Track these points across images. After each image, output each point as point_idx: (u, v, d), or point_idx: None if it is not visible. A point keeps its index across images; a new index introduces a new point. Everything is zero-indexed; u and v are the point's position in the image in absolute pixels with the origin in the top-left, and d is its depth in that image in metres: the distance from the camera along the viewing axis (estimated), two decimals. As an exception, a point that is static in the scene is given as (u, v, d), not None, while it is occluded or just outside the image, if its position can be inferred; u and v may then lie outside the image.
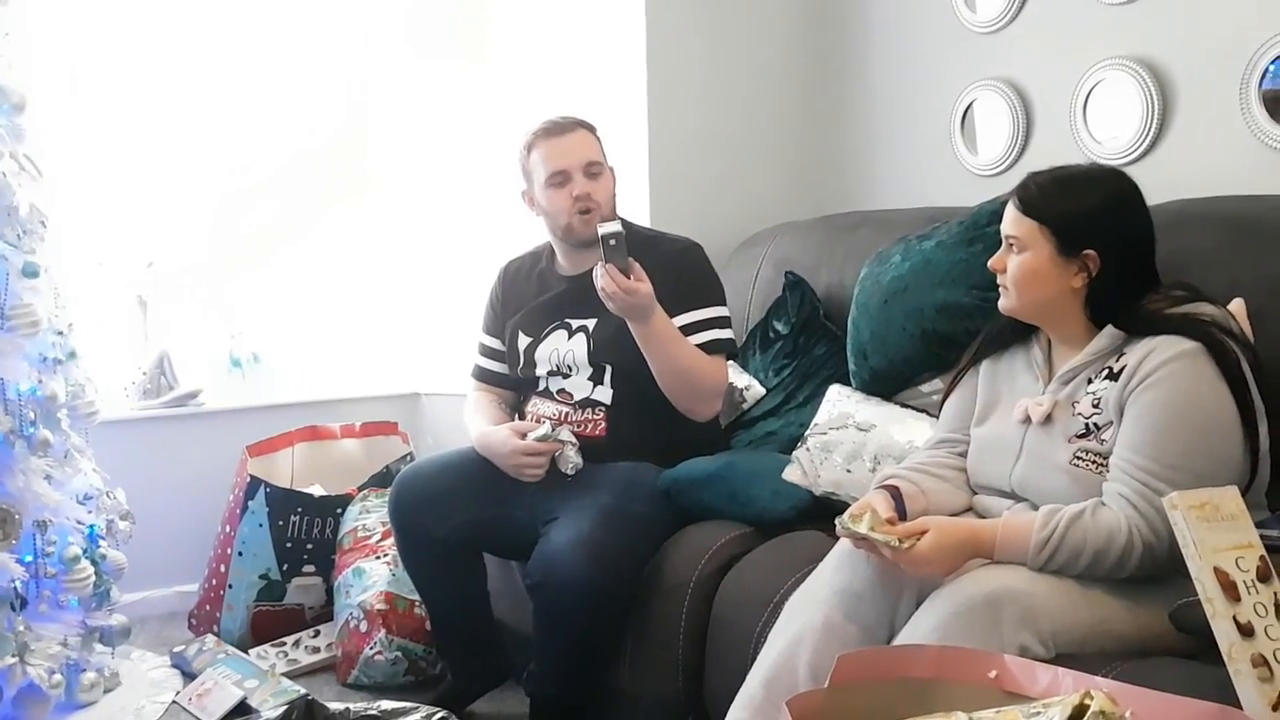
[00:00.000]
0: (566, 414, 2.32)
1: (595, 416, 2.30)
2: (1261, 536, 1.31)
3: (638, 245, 2.33)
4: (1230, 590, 1.24)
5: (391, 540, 2.57)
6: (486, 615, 2.42)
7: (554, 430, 2.25)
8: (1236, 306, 1.77)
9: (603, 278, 2.11)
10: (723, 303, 2.35)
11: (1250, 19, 2.20)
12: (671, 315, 2.24)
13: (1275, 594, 1.26)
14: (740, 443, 2.49)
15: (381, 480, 2.96)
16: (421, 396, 3.52)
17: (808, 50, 3.17)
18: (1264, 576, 1.27)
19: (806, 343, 2.59)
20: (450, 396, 3.24)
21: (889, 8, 2.98)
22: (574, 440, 2.25)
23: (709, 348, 2.28)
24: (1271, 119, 2.19)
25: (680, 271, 2.31)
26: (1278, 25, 2.16)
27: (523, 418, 2.41)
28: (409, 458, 3.08)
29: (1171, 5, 2.35)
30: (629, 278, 2.10)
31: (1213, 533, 1.27)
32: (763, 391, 2.56)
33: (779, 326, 2.65)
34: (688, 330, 2.27)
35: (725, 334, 2.32)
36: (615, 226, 2.11)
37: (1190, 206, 2.06)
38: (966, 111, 2.79)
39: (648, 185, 3.03)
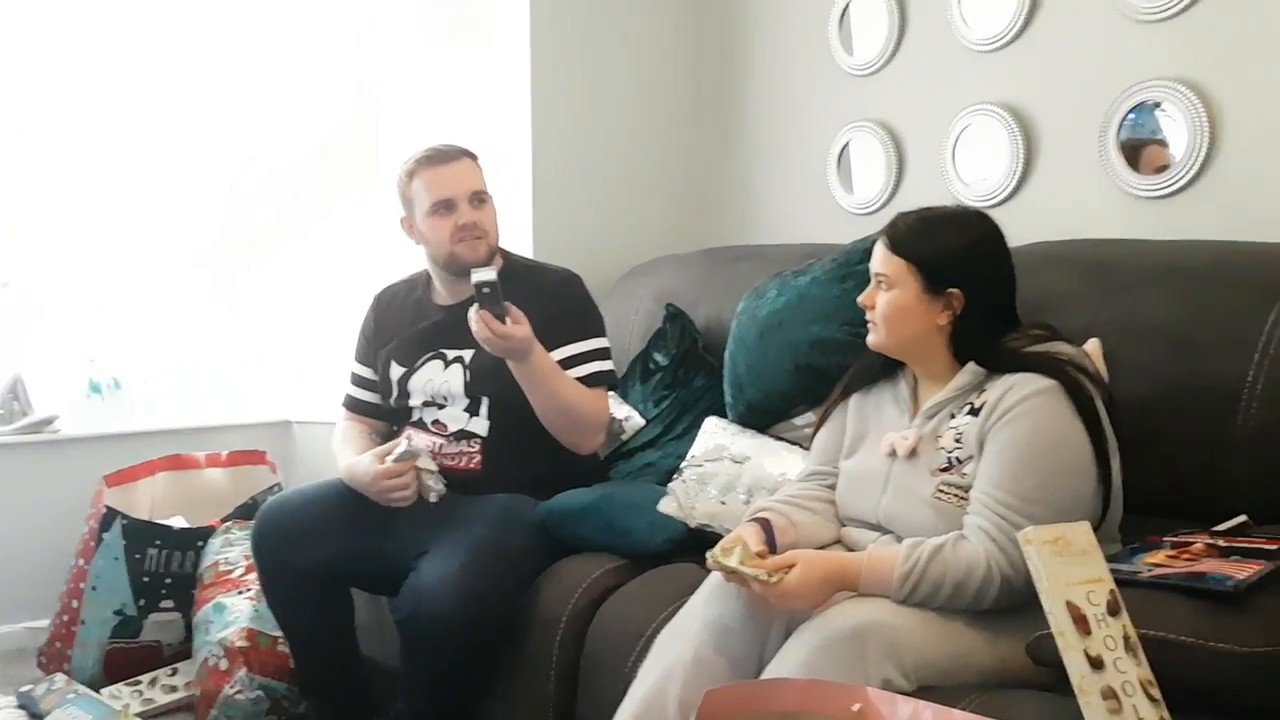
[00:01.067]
0: (441, 446, 2.27)
1: (470, 449, 2.26)
2: (1112, 570, 1.34)
3: (517, 275, 2.31)
4: (1081, 623, 1.27)
5: (254, 575, 2.48)
6: (353, 652, 2.35)
7: (410, 446, 2.19)
8: (1092, 346, 1.84)
9: (477, 323, 2.08)
10: (603, 334, 2.34)
11: (1110, 70, 2.30)
12: (552, 348, 2.22)
13: (1124, 627, 1.29)
14: (619, 474, 2.48)
15: (247, 512, 2.85)
16: (293, 424, 3.42)
17: (691, 85, 3.20)
18: (1114, 610, 1.30)
19: (686, 375, 2.60)
20: (324, 424, 3.13)
21: (769, 48, 3.03)
22: (433, 467, 2.20)
23: (590, 380, 2.27)
24: (1129, 166, 2.29)
25: (560, 303, 2.29)
26: (1135, 77, 2.26)
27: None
28: (277, 488, 2.98)
29: (1037, 55, 2.44)
30: (505, 322, 2.07)
31: (1065, 567, 1.30)
32: (642, 422, 2.56)
33: (659, 358, 2.66)
34: (569, 363, 2.25)
35: (606, 366, 2.31)
36: (489, 274, 2.07)
37: (1052, 249, 2.14)
38: (843, 151, 2.86)
39: (530, 214, 3.02)
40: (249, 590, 2.61)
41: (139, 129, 3.25)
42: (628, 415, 2.57)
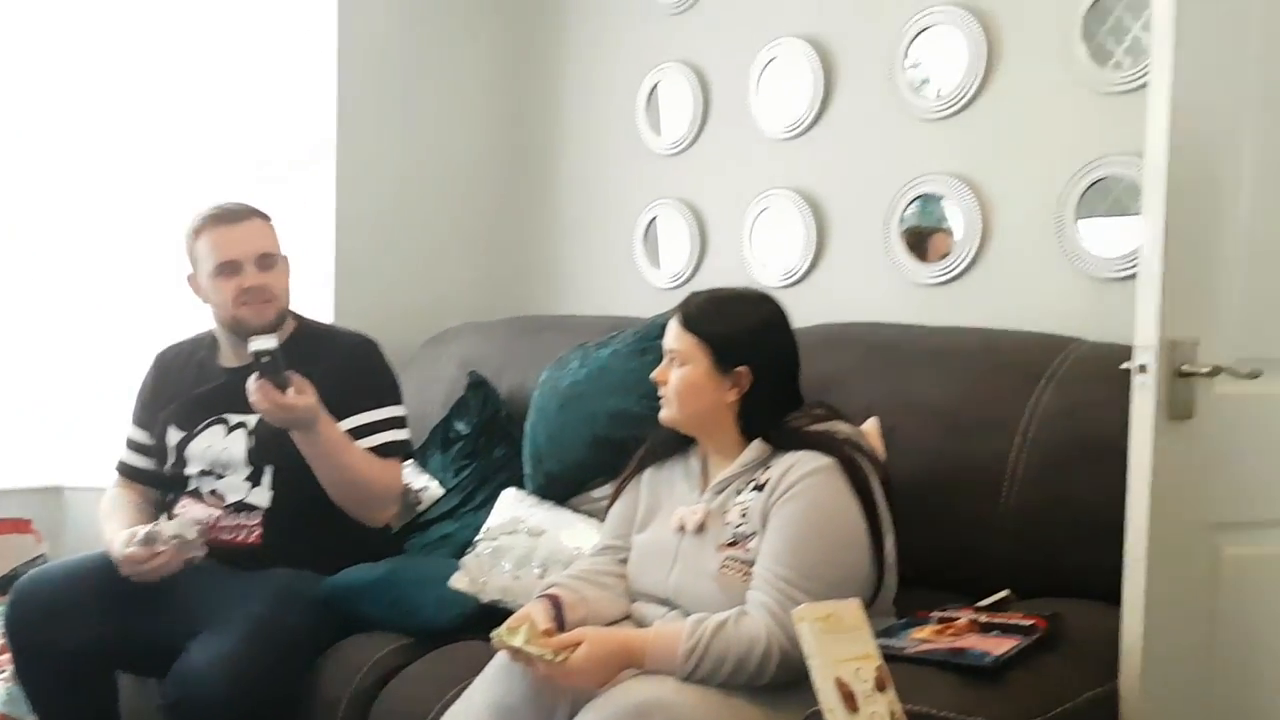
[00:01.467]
0: (217, 519, 2.16)
1: (250, 522, 2.16)
2: (881, 646, 1.39)
3: (309, 340, 2.24)
4: (849, 700, 1.30)
5: (7, 655, 2.27)
6: (115, 740, 2.18)
7: (154, 529, 2.06)
8: (870, 425, 1.92)
9: (255, 394, 2.00)
10: (398, 402, 2.29)
11: (894, 164, 2.44)
12: (345, 416, 2.15)
13: (890, 703, 1.33)
14: (414, 546, 2.41)
15: (5, 585, 2.62)
16: (64, 490, 3.18)
17: (504, 153, 3.22)
18: (881, 686, 1.34)
19: (487, 444, 2.57)
20: (99, 491, 2.95)
21: (582, 122, 3.08)
22: (190, 536, 2.07)
23: (383, 450, 2.21)
24: (910, 254, 2.42)
25: (353, 370, 2.23)
26: (916, 171, 2.40)
27: (170, 519, 2.22)
28: (41, 559, 2.76)
29: (830, 144, 2.57)
30: (287, 392, 2.00)
31: (835, 644, 1.33)
32: (441, 492, 2.51)
33: (460, 427, 2.62)
34: (361, 431, 2.19)
35: (400, 435, 2.26)
36: (269, 343, 2.00)
37: (838, 330, 2.24)
38: (649, 227, 2.92)
39: (333, 274, 2.94)
40: (2, 671, 2.40)
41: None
42: (425, 485, 2.51)
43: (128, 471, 2.34)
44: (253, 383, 2.00)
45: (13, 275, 3.20)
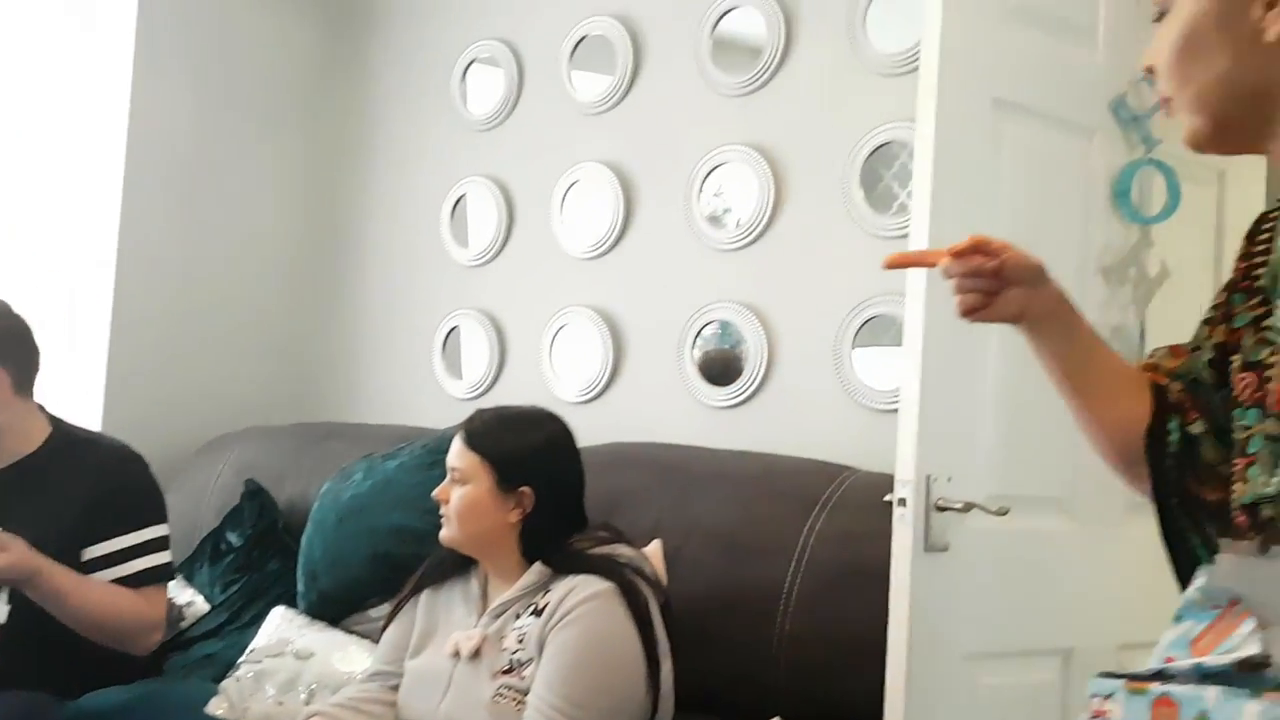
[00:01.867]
0: None
1: None
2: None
3: (66, 450, 2.08)
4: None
5: None
6: None
7: None
8: (654, 548, 1.93)
9: None
10: (160, 521, 2.11)
11: (690, 288, 2.51)
12: (99, 539, 2.00)
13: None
14: (174, 666, 2.25)
15: None
16: None
17: (302, 255, 3.15)
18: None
19: (261, 557, 2.44)
20: None
21: (384, 230, 3.06)
22: None
23: (141, 578, 2.04)
24: (701, 377, 2.48)
25: (112, 488, 2.06)
26: (709, 298, 2.48)
27: None
28: None
29: (629, 267, 2.63)
30: None
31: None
32: (206, 609, 2.36)
33: (233, 538, 2.49)
34: (117, 558, 2.01)
35: (162, 559, 2.08)
36: None
37: (629, 450, 2.25)
38: (449, 336, 2.89)
39: (104, 369, 2.77)
40: None
41: None
42: (190, 601, 2.36)
43: None
44: None
45: None
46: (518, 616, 1.68)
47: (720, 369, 2.48)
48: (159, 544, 2.09)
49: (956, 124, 1.67)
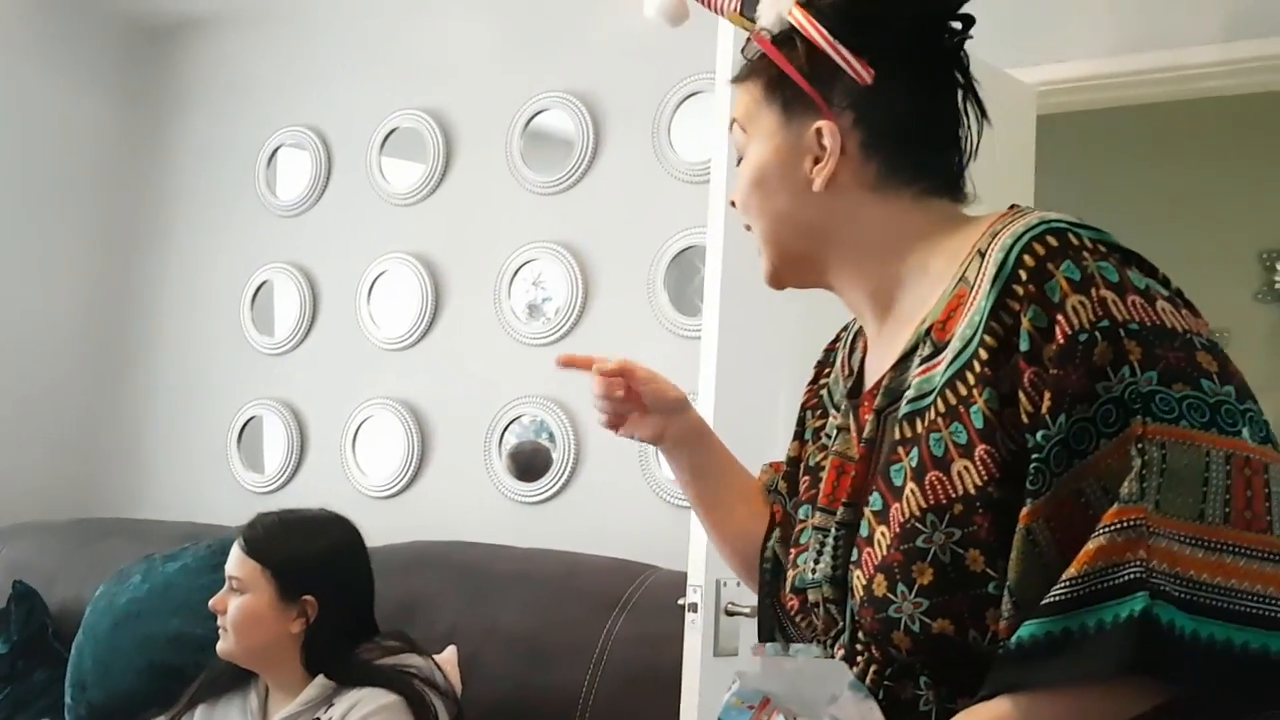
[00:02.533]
0: None
1: None
2: None
3: None
4: None
5: None
6: None
7: None
8: (448, 655, 1.87)
9: None
10: None
11: (498, 383, 2.49)
12: None
13: None
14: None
15: None
16: None
17: (90, 336, 2.98)
18: None
19: (26, 667, 2.26)
20: None
21: (182, 314, 2.93)
22: None
23: None
24: (510, 474, 2.46)
25: None
26: (519, 392, 2.47)
27: None
28: None
29: (436, 359, 2.60)
30: None
31: None
32: (-44, 727, 2.15)
33: (-4, 645, 2.28)
34: None
35: None
36: None
37: (430, 549, 2.20)
38: (245, 427, 2.78)
39: None
40: None
41: None
42: (-61, 718, 2.15)
43: None
44: None
45: None
46: (297, 732, 1.60)
47: (528, 464, 2.46)
48: None
49: (744, 233, 1.73)
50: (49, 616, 2.33)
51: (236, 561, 1.66)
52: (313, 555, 1.67)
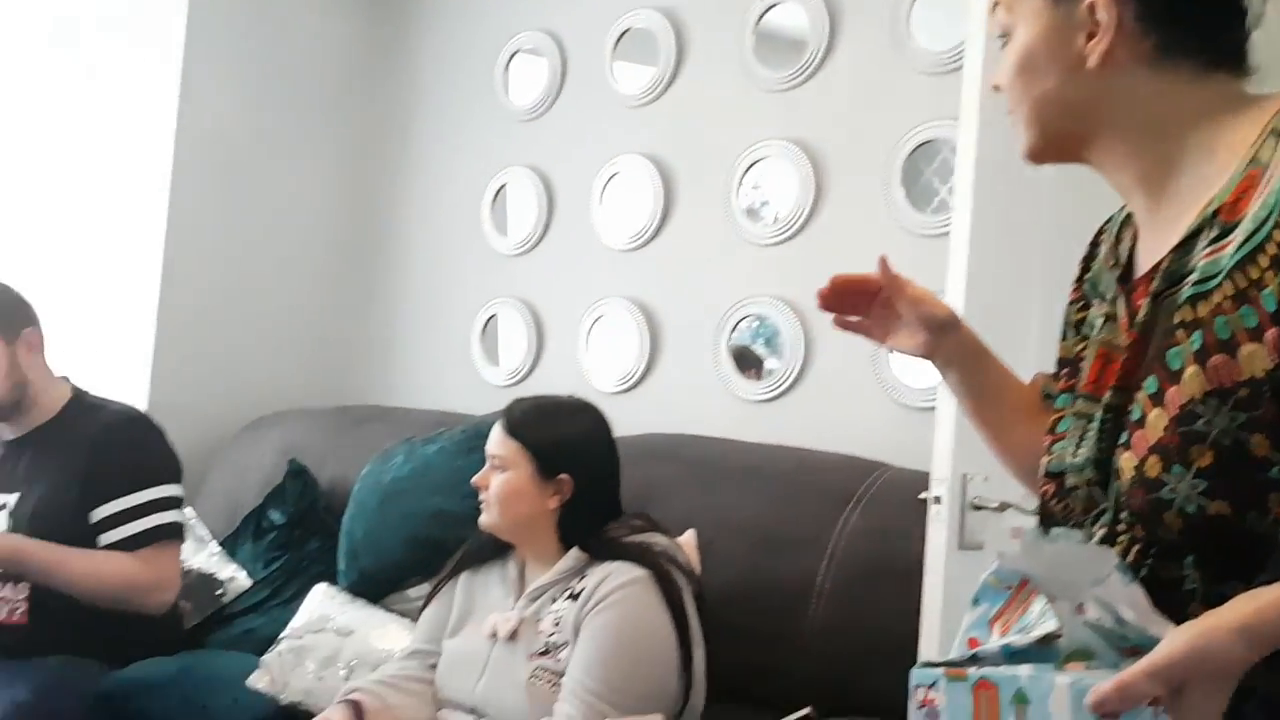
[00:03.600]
0: None
1: (16, 597, 2.01)
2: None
3: (76, 415, 2.16)
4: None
5: None
6: None
7: None
8: (687, 538, 1.96)
9: None
10: (166, 481, 2.16)
11: (727, 282, 2.53)
12: (103, 501, 2.07)
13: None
14: (216, 641, 2.30)
15: None
16: None
17: (345, 241, 3.19)
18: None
19: (302, 536, 2.49)
20: None
21: (426, 217, 3.09)
22: None
23: (146, 537, 2.08)
24: (737, 370, 2.50)
25: (115, 449, 2.12)
26: (747, 293, 2.50)
27: None
28: None
29: (667, 259, 2.65)
30: None
31: (635, 759, 1.34)
32: (247, 584, 2.41)
33: (275, 516, 2.54)
34: (122, 518, 2.07)
35: (165, 518, 2.12)
36: None
37: (663, 441, 2.28)
38: (488, 324, 2.93)
39: (152, 348, 2.83)
40: None
41: None
42: (232, 576, 2.41)
43: None
44: None
45: None
46: (554, 600, 1.72)
47: (755, 362, 2.50)
48: (165, 504, 2.12)
49: (1001, 123, 1.67)
50: (319, 492, 2.56)
51: (498, 441, 1.78)
52: (568, 437, 1.77)
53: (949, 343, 1.11)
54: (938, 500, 1.60)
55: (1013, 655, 0.83)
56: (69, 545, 2.01)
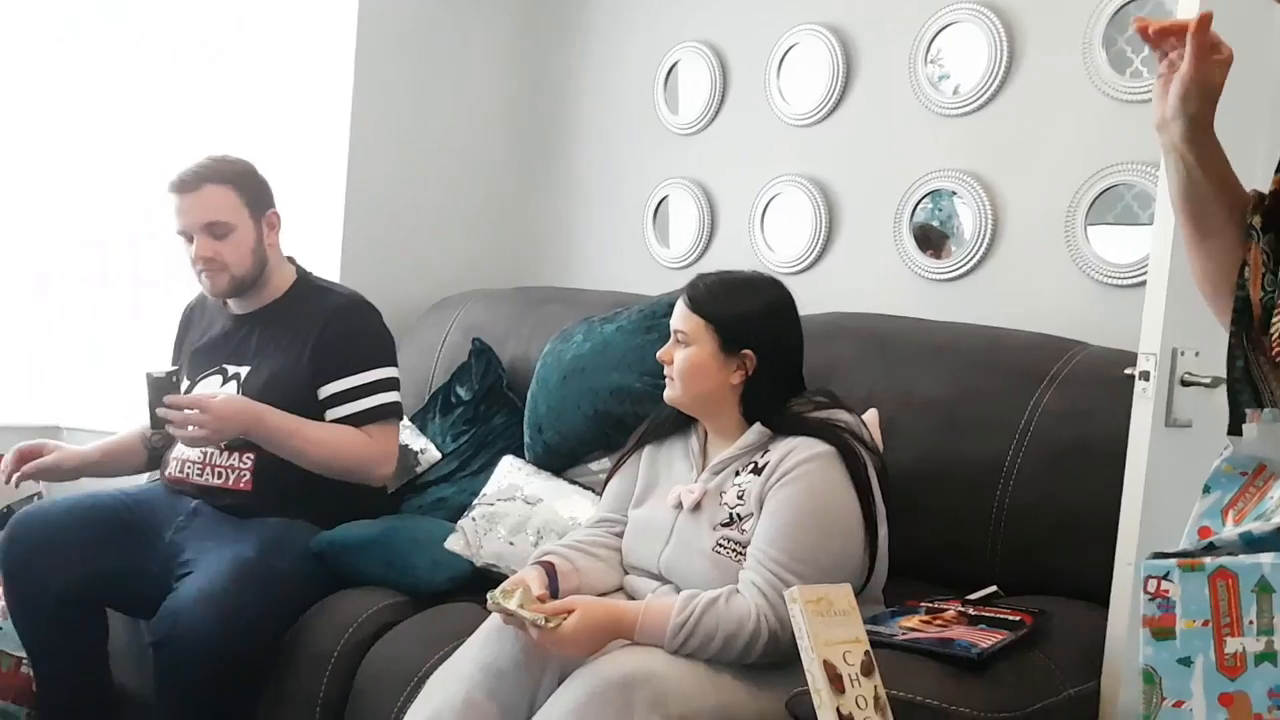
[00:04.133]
0: (211, 456, 2.18)
1: (243, 465, 2.17)
2: (869, 632, 1.41)
3: (302, 297, 2.27)
4: (836, 682, 1.32)
5: (0, 589, 2.29)
6: (103, 678, 2.20)
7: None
8: (871, 416, 1.94)
9: (177, 425, 2.05)
10: (389, 363, 2.28)
11: (910, 158, 2.45)
12: (331, 379, 2.18)
13: (876, 688, 1.36)
14: (410, 507, 2.43)
15: (2, 521, 2.64)
16: (62, 430, 3.19)
17: (518, 123, 3.22)
18: (867, 670, 1.36)
19: (487, 411, 2.58)
20: (96, 433, 2.96)
21: (598, 97, 3.08)
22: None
23: (372, 414, 2.21)
24: (918, 248, 2.43)
25: (343, 330, 2.23)
26: (930, 168, 2.41)
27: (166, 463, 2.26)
28: (37, 498, 2.77)
29: (845, 135, 2.58)
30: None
31: (826, 627, 1.35)
32: (438, 456, 2.52)
33: (461, 392, 2.63)
34: (349, 396, 2.20)
35: (389, 398, 2.25)
36: (159, 371, 2.06)
37: (844, 320, 2.25)
38: (660, 206, 2.92)
39: (340, 233, 2.94)
40: (-5, 607, 2.42)
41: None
42: (424, 448, 2.53)
43: None
44: (163, 413, 2.03)
45: (20, 218, 3.20)
46: (737, 474, 1.74)
47: (938, 240, 2.42)
48: (388, 384, 2.25)
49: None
50: (502, 369, 2.64)
51: (682, 317, 1.78)
52: (751, 312, 1.76)
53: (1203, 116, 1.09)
54: (1144, 376, 1.53)
55: (1252, 543, 0.79)
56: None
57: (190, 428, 2.03)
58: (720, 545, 1.70)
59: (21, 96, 3.17)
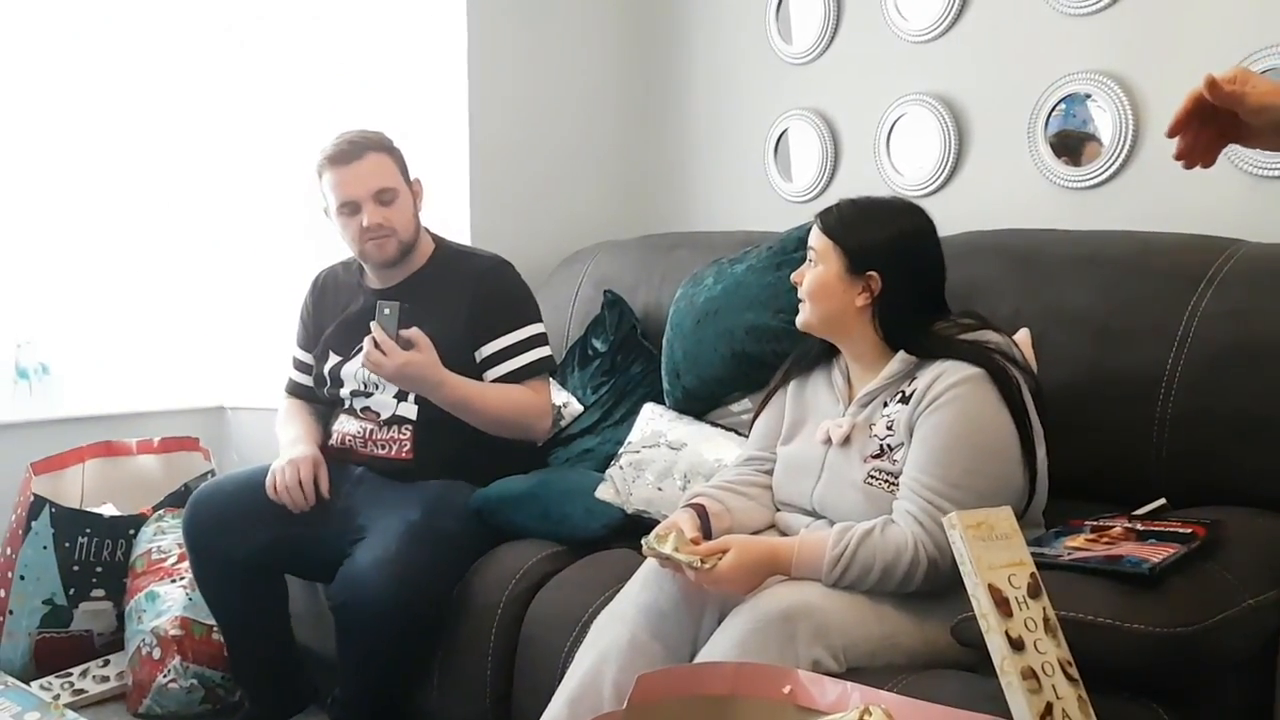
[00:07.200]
0: (371, 431, 2.27)
1: (402, 436, 2.26)
2: (1033, 554, 1.38)
3: (447, 263, 2.32)
4: (1003, 606, 1.31)
5: (187, 563, 2.45)
6: (287, 640, 2.34)
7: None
8: (1022, 336, 1.88)
9: (367, 342, 2.09)
10: (538, 320, 2.34)
11: (1039, 63, 2.35)
12: (487, 340, 2.24)
13: (1044, 609, 1.33)
14: (557, 460, 2.48)
15: (179, 499, 2.81)
16: (227, 410, 3.37)
17: (632, 72, 3.20)
18: (1034, 593, 1.34)
19: (624, 361, 2.61)
20: (259, 411, 3.11)
21: (709, 34, 3.04)
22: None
23: (529, 370, 2.27)
24: (1056, 157, 2.34)
25: (493, 292, 2.29)
26: (1062, 71, 2.31)
27: (328, 435, 2.35)
28: (210, 475, 2.94)
29: (968, 47, 2.48)
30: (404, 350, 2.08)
31: (988, 551, 1.33)
32: (580, 409, 2.57)
33: (597, 344, 2.67)
34: (505, 354, 2.26)
35: (543, 353, 2.32)
36: (393, 304, 2.10)
37: (981, 239, 2.18)
38: (780, 139, 2.88)
39: (468, 198, 3.00)
40: (182, 579, 2.58)
41: (69, 112, 3.17)
42: (566, 402, 2.57)
43: (296, 390, 2.49)
44: (368, 344, 2.09)
45: (182, 203, 3.36)
46: (885, 404, 1.71)
47: (1076, 147, 2.32)
48: (539, 340, 2.31)
49: None
50: (635, 319, 2.66)
51: (814, 237, 1.77)
52: (876, 236, 1.73)
53: None
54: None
55: None
56: None
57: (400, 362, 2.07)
58: (872, 477, 1.68)
59: (191, 85, 3.32)
